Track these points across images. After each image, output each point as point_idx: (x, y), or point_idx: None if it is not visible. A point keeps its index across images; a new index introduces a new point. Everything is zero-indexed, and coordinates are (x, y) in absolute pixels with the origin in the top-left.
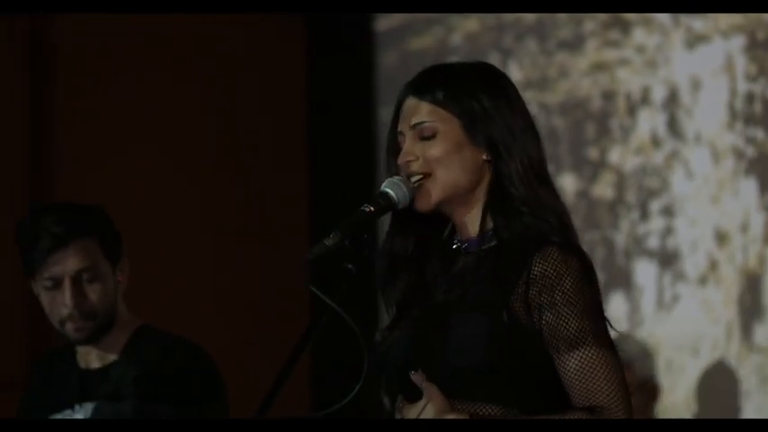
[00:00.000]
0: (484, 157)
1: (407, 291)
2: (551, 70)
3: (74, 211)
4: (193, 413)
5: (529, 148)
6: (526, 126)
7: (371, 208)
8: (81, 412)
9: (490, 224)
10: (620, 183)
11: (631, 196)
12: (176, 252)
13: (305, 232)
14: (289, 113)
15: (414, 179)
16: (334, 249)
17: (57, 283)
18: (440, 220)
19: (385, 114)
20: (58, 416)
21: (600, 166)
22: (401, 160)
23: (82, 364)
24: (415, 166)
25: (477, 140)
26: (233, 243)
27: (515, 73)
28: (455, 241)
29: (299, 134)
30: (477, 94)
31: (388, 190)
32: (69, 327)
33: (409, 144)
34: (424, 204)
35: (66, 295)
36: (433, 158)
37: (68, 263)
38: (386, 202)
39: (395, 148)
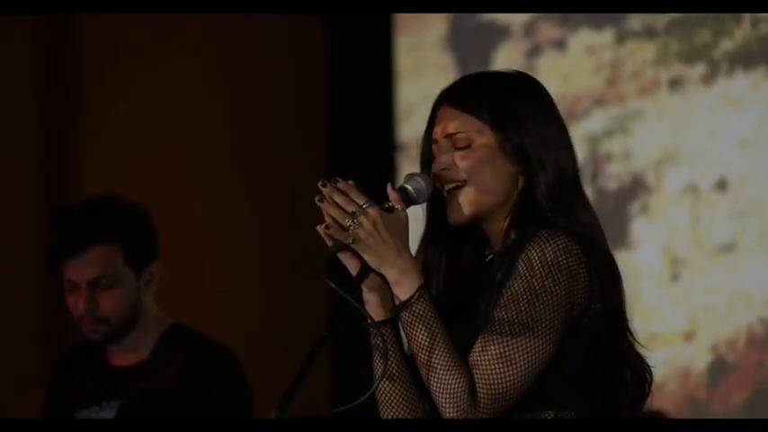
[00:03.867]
0: (514, 168)
1: (441, 300)
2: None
3: (100, 215)
4: (218, 415)
5: (562, 160)
6: (560, 138)
7: (389, 204)
8: (108, 409)
9: (515, 233)
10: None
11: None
12: (197, 250)
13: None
14: (308, 111)
15: (448, 187)
16: (350, 245)
17: (74, 287)
18: (470, 229)
19: (403, 112)
20: (85, 412)
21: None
22: (436, 169)
23: (111, 362)
24: (449, 175)
25: (509, 151)
26: (253, 240)
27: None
28: (487, 252)
29: (319, 130)
30: (512, 105)
31: (407, 186)
32: (84, 329)
33: (444, 153)
34: (457, 217)
35: (80, 302)
36: (466, 168)
37: (85, 270)
38: (405, 198)
39: (429, 156)
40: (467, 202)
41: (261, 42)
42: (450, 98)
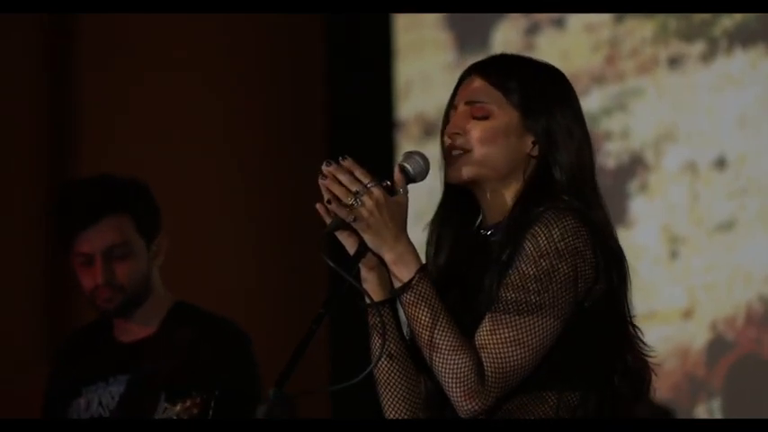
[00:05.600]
0: (528, 150)
1: (440, 277)
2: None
3: (108, 186)
4: (226, 390)
5: (583, 151)
6: (583, 133)
7: (388, 182)
8: (115, 384)
9: (522, 210)
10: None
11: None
12: (197, 245)
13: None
14: (307, 89)
15: (454, 153)
16: (350, 223)
17: (89, 259)
18: (477, 208)
19: (402, 90)
20: (92, 388)
21: None
22: (449, 131)
23: (118, 337)
24: (458, 141)
25: (533, 129)
26: (255, 220)
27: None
28: (481, 229)
29: (318, 107)
30: (542, 90)
31: (405, 164)
32: (99, 298)
33: (459, 118)
34: (455, 176)
35: (97, 272)
36: (477, 138)
37: (99, 240)
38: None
39: (448, 123)
40: (467, 166)
41: (260, 22)
42: (482, 70)
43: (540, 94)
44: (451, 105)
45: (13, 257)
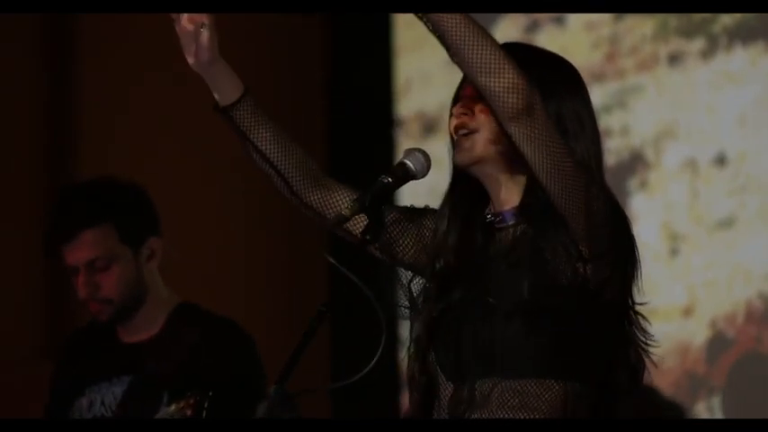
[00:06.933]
0: None
1: (448, 265)
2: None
3: (88, 199)
4: (231, 392)
5: (595, 140)
6: (594, 130)
7: (389, 179)
8: (118, 385)
9: (529, 199)
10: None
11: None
12: (197, 247)
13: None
14: (307, 86)
15: (461, 132)
16: (352, 219)
17: (74, 271)
18: (485, 197)
19: (402, 87)
20: (95, 388)
21: None
22: (456, 111)
23: (122, 338)
24: (466, 120)
25: (547, 111)
26: (256, 221)
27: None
28: (488, 215)
29: (318, 106)
30: (551, 76)
31: (406, 161)
32: (90, 309)
33: (468, 99)
34: (463, 158)
35: (80, 286)
36: (485, 118)
37: (78, 254)
38: (404, 173)
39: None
40: (474, 146)
41: (260, 22)
42: None
43: (552, 79)
44: (461, 87)
45: (13, 257)
